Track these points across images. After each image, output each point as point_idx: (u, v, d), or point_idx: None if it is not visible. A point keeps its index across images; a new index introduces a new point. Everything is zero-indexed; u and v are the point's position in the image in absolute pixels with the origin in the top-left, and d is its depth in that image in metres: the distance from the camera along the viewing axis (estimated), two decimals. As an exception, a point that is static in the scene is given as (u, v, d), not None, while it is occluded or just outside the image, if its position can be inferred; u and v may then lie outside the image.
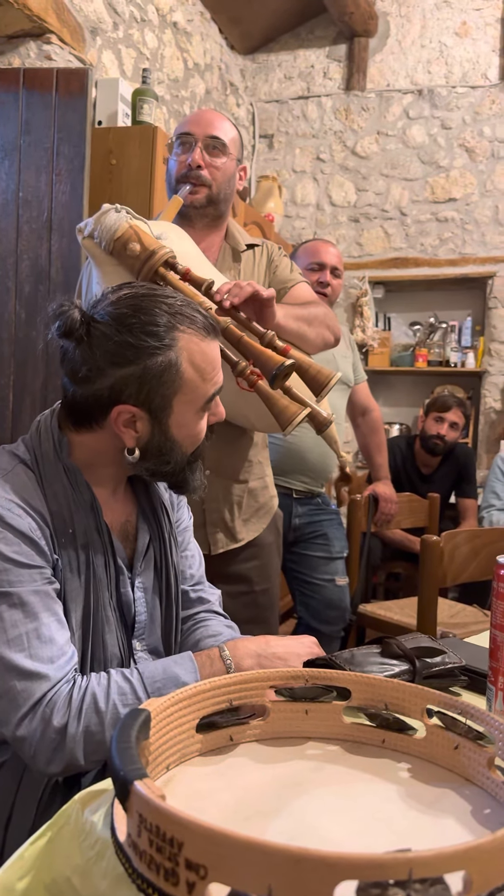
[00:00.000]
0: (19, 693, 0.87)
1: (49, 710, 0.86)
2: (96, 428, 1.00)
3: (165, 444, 1.00)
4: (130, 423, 0.98)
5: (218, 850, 0.45)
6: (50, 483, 0.98)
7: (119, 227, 1.34)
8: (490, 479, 3.38)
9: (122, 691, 0.90)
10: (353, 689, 0.75)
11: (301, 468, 2.39)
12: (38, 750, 0.86)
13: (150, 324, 0.96)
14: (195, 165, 1.56)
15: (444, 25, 4.31)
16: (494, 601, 0.78)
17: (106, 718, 0.87)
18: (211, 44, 4.00)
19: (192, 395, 1.00)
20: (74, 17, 2.72)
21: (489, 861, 0.45)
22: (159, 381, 0.96)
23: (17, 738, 0.87)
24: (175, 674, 0.92)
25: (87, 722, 0.87)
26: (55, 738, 0.86)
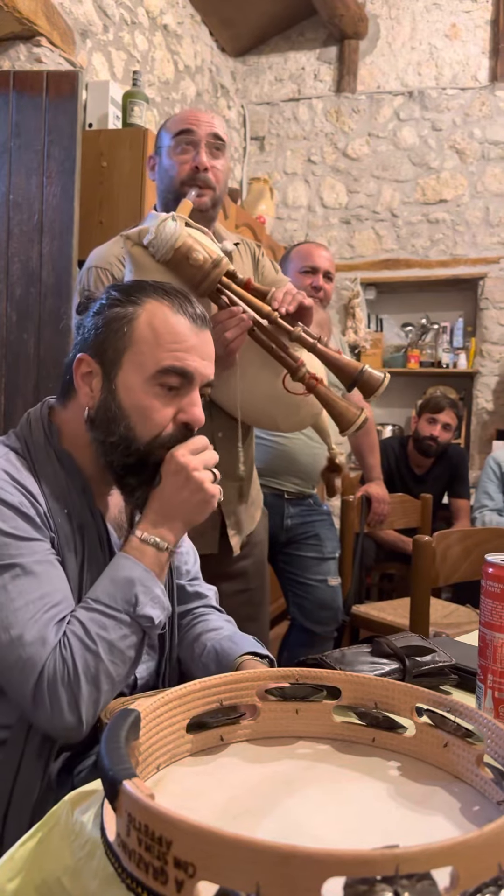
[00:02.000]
0: (27, 662, 0.88)
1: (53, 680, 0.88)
2: (72, 393, 1.03)
3: (111, 409, 0.98)
4: (87, 377, 1.00)
5: (206, 849, 0.45)
6: (42, 466, 0.99)
7: (180, 236, 1.31)
8: (482, 480, 3.39)
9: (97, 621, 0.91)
10: (344, 688, 0.76)
11: (292, 470, 2.39)
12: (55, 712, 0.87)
13: (133, 287, 1.03)
14: (203, 168, 1.51)
15: (433, 27, 4.33)
16: (483, 599, 0.79)
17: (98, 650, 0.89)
18: (201, 46, 4.01)
19: (141, 355, 0.97)
20: (64, 19, 2.72)
21: (476, 856, 0.45)
22: (113, 329, 0.99)
23: (36, 708, 0.88)
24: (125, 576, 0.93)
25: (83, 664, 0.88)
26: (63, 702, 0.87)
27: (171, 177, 1.55)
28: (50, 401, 1.09)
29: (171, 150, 1.56)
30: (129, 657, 0.93)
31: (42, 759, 0.95)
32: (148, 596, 0.93)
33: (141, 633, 0.93)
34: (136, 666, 0.96)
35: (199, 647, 1.11)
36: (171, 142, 1.56)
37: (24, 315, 2.44)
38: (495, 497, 3.33)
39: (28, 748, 0.94)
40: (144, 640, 0.95)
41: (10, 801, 0.94)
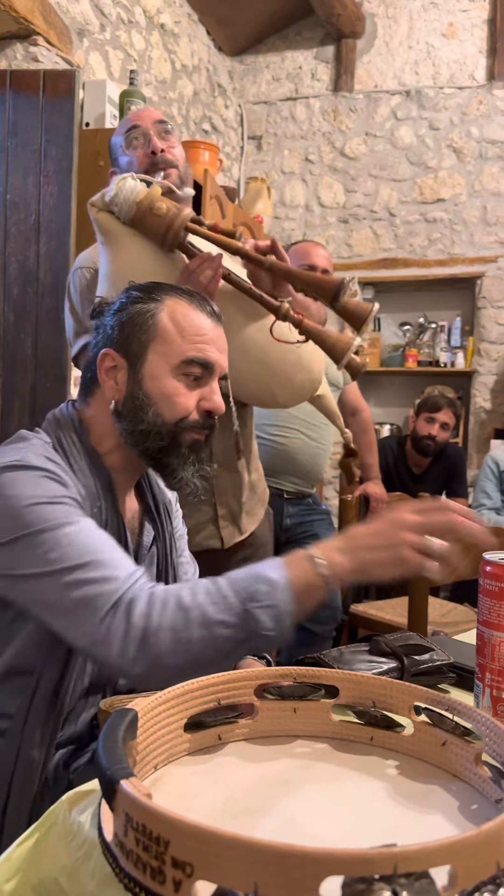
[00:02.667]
0: (95, 598, 0.86)
1: (130, 607, 0.85)
2: (96, 390, 1.06)
3: (138, 397, 1.02)
4: (112, 372, 1.03)
5: (204, 848, 0.45)
6: (75, 461, 1.01)
7: (140, 190, 1.33)
8: (480, 479, 3.39)
9: (209, 591, 0.86)
10: (342, 686, 0.76)
11: (291, 469, 2.39)
12: (122, 647, 0.85)
13: (152, 286, 1.07)
14: (159, 151, 1.55)
15: (431, 27, 4.33)
16: (481, 598, 0.79)
17: (192, 615, 0.84)
18: (198, 45, 4.00)
19: (166, 346, 1.02)
20: (61, 18, 2.72)
21: (474, 855, 0.45)
22: (136, 323, 1.03)
23: (99, 640, 0.86)
24: (260, 571, 0.87)
25: (172, 619, 0.85)
26: (138, 634, 0.84)
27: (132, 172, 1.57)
28: (73, 401, 1.11)
29: (123, 149, 1.60)
30: (221, 649, 0.85)
31: (42, 750, 0.95)
32: (270, 602, 0.84)
33: (244, 633, 0.84)
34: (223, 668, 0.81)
35: None
36: (123, 141, 1.61)
37: (21, 315, 2.43)
38: (493, 496, 3.33)
39: (26, 739, 0.94)
40: (245, 644, 0.86)
41: (10, 791, 0.93)
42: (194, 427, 1.05)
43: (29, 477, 0.93)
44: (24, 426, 2.44)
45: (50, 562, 0.88)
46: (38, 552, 0.89)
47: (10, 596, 0.93)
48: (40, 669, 0.95)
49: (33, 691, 0.95)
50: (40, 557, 0.89)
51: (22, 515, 0.90)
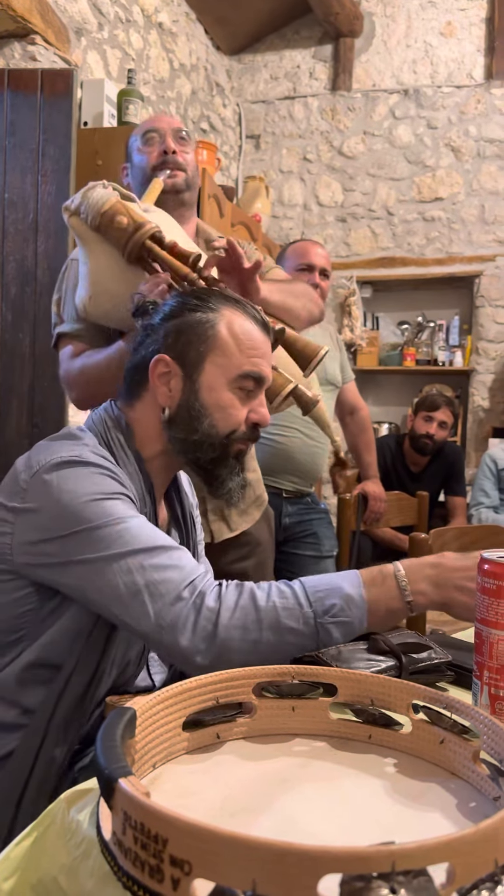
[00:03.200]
0: (161, 583, 0.86)
1: (200, 598, 0.85)
2: (143, 393, 1.06)
3: (194, 407, 1.03)
4: (165, 377, 1.03)
5: (202, 846, 0.45)
6: (124, 465, 1.02)
7: (107, 202, 1.33)
8: (479, 477, 3.39)
9: (283, 594, 0.86)
10: (340, 685, 0.75)
11: (290, 468, 2.39)
12: (192, 637, 0.84)
13: (206, 294, 1.08)
14: (171, 151, 1.58)
15: (429, 25, 4.33)
16: (479, 596, 0.79)
17: (264, 618, 0.84)
18: (196, 44, 4.00)
19: (224, 358, 1.03)
20: (59, 17, 2.72)
21: (472, 852, 0.45)
22: (195, 332, 1.02)
23: (167, 625, 0.85)
24: (339, 585, 0.87)
25: (243, 617, 0.84)
26: (208, 627, 0.84)
27: (143, 168, 1.61)
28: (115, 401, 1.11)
29: (138, 148, 1.63)
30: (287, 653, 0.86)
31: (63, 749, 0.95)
32: (344, 619, 0.84)
33: (313, 644, 0.85)
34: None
35: None
36: (139, 140, 1.64)
37: (19, 314, 2.43)
38: (491, 494, 3.33)
39: (50, 737, 0.93)
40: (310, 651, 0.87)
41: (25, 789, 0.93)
42: (242, 439, 1.06)
43: (87, 472, 0.94)
44: (23, 425, 2.44)
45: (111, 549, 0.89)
46: (100, 545, 0.89)
47: (61, 582, 0.93)
48: (71, 667, 0.95)
49: (61, 690, 0.94)
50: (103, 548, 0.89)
51: (81, 511, 0.90)
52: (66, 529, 0.90)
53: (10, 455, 2.41)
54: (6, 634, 0.98)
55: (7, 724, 0.97)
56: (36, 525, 0.93)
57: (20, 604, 0.96)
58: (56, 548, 0.91)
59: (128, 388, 1.09)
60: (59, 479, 0.93)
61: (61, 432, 1.05)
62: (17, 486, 0.95)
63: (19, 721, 0.96)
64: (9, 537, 0.94)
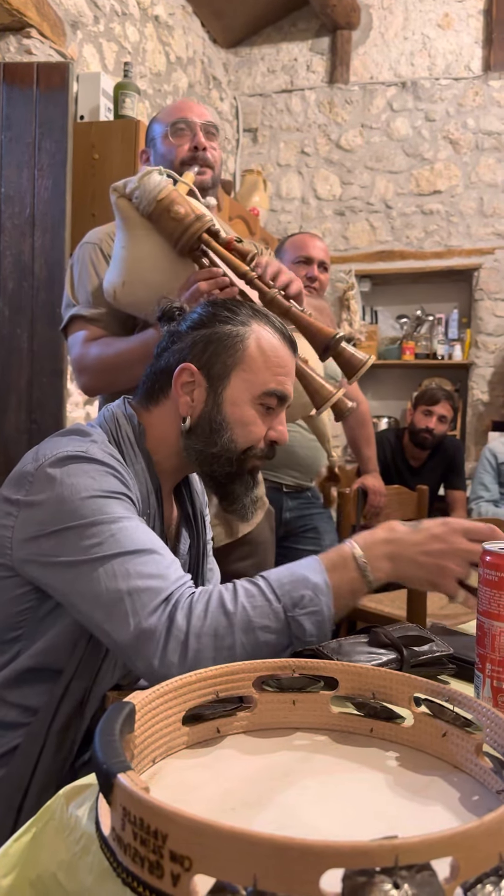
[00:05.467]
0: (144, 591, 0.85)
1: (174, 607, 0.84)
2: (162, 399, 1.05)
3: (216, 420, 1.02)
4: (188, 387, 1.02)
5: (202, 842, 0.44)
6: (132, 463, 1.01)
7: (164, 189, 1.31)
8: (478, 471, 3.39)
9: (250, 594, 0.86)
10: (341, 678, 0.75)
11: (291, 463, 2.39)
12: (163, 647, 0.83)
13: (235, 306, 1.06)
14: (202, 147, 1.56)
15: (426, 17, 4.31)
16: (481, 587, 0.78)
17: (235, 620, 0.83)
18: (193, 37, 3.98)
19: (251, 374, 1.02)
20: (54, 10, 2.70)
21: (476, 846, 0.45)
22: (223, 345, 1.01)
23: (142, 633, 0.83)
24: (303, 575, 0.86)
25: (213, 623, 0.83)
26: (180, 636, 0.83)
27: (171, 160, 1.58)
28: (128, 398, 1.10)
29: (166, 136, 1.59)
30: (262, 653, 0.84)
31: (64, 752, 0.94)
32: (314, 608, 0.84)
33: (287, 639, 0.84)
34: None
35: None
36: (167, 129, 1.59)
37: (16, 310, 2.42)
38: (491, 488, 3.33)
39: (50, 740, 0.93)
40: (286, 649, 0.86)
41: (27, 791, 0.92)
42: (259, 456, 1.06)
43: (91, 469, 0.93)
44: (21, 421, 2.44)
45: (99, 551, 0.87)
46: (88, 543, 0.88)
47: (49, 584, 0.92)
48: (71, 672, 0.94)
49: (62, 694, 0.94)
50: (89, 547, 0.88)
51: (78, 506, 0.90)
52: (61, 524, 0.90)
53: (9, 451, 2.41)
54: (4, 633, 0.97)
55: (8, 723, 0.96)
56: (35, 519, 0.92)
57: (19, 602, 0.96)
58: (50, 544, 0.90)
59: (147, 391, 1.08)
60: (63, 473, 0.92)
61: (71, 427, 1.04)
62: (23, 479, 0.95)
63: (21, 720, 0.96)
64: (10, 531, 0.93)
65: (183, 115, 1.59)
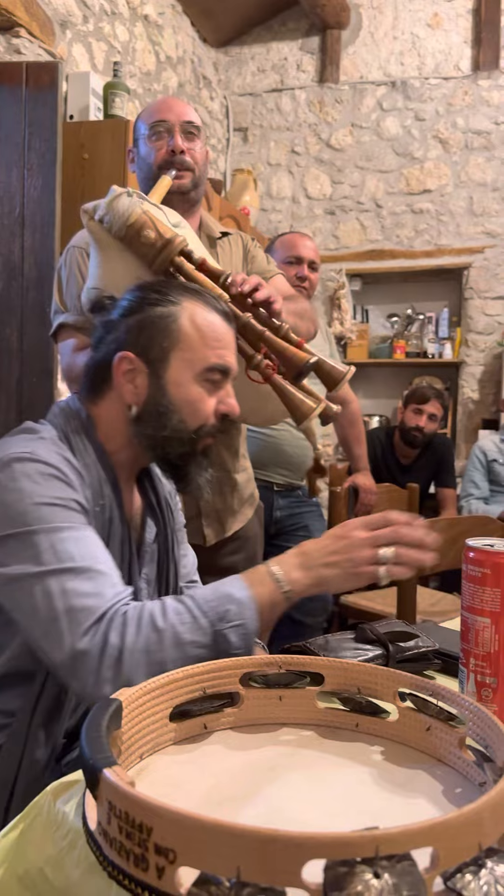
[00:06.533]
0: (80, 611, 0.85)
1: (108, 626, 0.85)
2: (107, 391, 1.04)
3: (162, 404, 1.02)
4: (131, 376, 1.02)
5: (186, 834, 0.45)
6: (81, 456, 1.00)
7: (132, 213, 1.30)
8: (469, 469, 3.40)
9: (178, 611, 0.87)
10: (327, 674, 0.76)
11: (280, 461, 2.39)
12: (97, 667, 0.84)
13: (163, 286, 1.06)
14: (179, 150, 1.54)
15: (416, 17, 4.32)
16: (464, 584, 0.79)
17: (165, 636, 0.85)
18: (183, 37, 3.98)
19: (189, 352, 1.02)
20: (43, 10, 2.70)
21: (456, 837, 0.46)
22: (157, 327, 1.01)
23: (77, 653, 0.84)
24: (227, 591, 0.89)
25: (145, 640, 0.84)
26: (114, 654, 0.84)
27: (149, 163, 1.58)
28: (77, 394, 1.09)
29: (146, 138, 1.59)
30: None
31: (46, 750, 0.94)
32: (239, 622, 0.86)
33: (214, 653, 0.85)
34: None
35: None
36: (147, 130, 1.59)
37: (5, 309, 2.42)
38: (481, 486, 3.34)
39: (31, 739, 0.93)
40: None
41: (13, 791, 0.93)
42: (210, 433, 1.06)
43: (36, 472, 0.92)
44: (11, 421, 2.44)
45: (38, 564, 0.87)
46: (30, 553, 0.88)
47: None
48: (43, 675, 0.94)
49: (38, 694, 0.94)
50: (32, 558, 0.87)
51: (21, 513, 0.89)
52: (2, 531, 0.89)
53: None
54: None
55: None
56: None
57: None
58: None
59: (90, 385, 1.07)
60: (7, 478, 0.91)
61: (22, 426, 1.03)
62: None
63: (1, 722, 0.96)
64: None
65: (161, 117, 1.57)
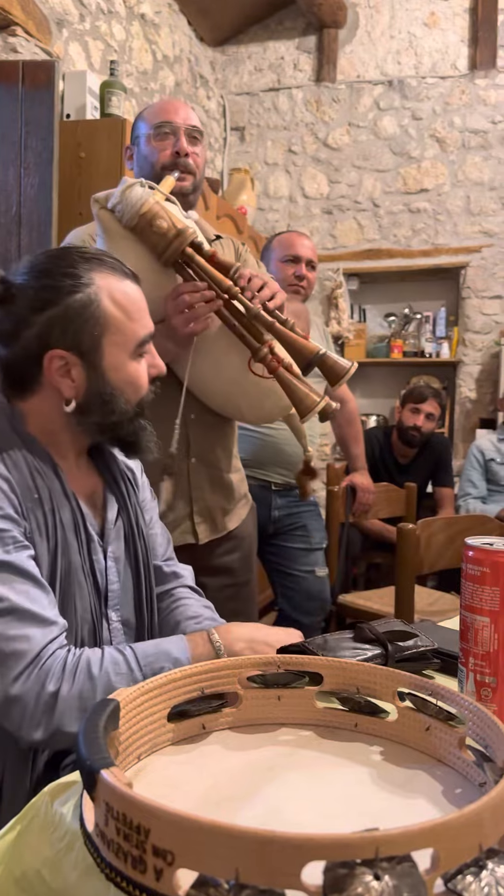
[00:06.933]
0: (9, 656, 0.85)
1: (44, 672, 0.85)
2: (37, 388, 1.00)
3: (105, 391, 1.00)
4: (65, 371, 0.98)
5: (184, 836, 0.44)
6: (7, 453, 0.96)
7: (145, 202, 1.32)
8: (466, 468, 3.40)
9: (115, 661, 0.89)
10: (325, 673, 0.75)
11: (278, 461, 2.39)
12: (30, 713, 0.84)
13: (68, 266, 0.98)
14: (184, 153, 1.55)
15: (412, 16, 4.32)
16: (464, 582, 0.79)
17: (98, 685, 0.86)
18: (179, 36, 3.97)
19: (120, 335, 1.00)
20: (40, 9, 2.69)
21: (456, 838, 0.45)
22: (82, 318, 0.97)
23: (10, 699, 0.84)
24: (166, 649, 0.92)
25: (79, 687, 0.85)
26: (48, 700, 0.84)
27: (152, 163, 1.58)
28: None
29: (150, 137, 1.59)
30: None
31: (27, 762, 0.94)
32: None
33: None
34: None
35: None
36: (151, 130, 1.59)
37: (3, 308, 2.41)
38: (479, 485, 3.34)
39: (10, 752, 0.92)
40: None
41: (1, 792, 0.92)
42: (149, 400, 1.07)
43: None
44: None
45: None
46: None
47: None
48: None
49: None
50: None
51: None
52: None
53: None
54: None
55: None
56: None
57: None
58: None
59: (15, 382, 1.01)
60: None
61: None
62: None
63: None
64: None
65: (167, 118, 1.58)
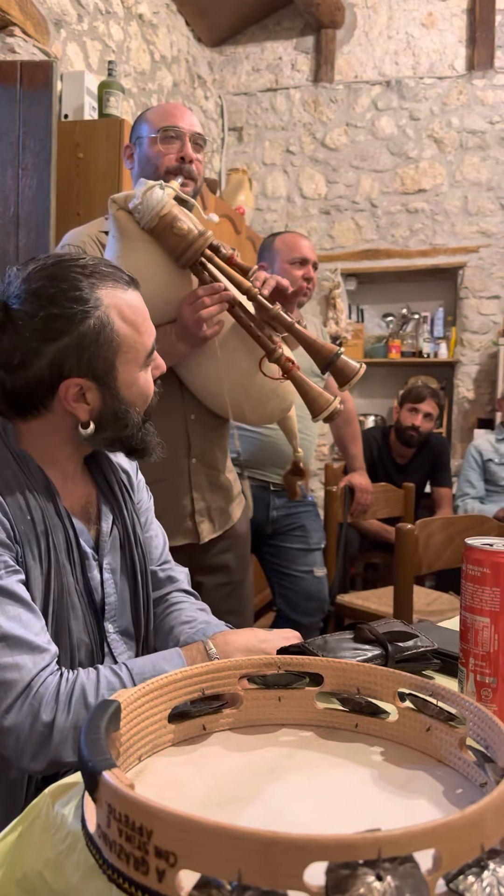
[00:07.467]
0: (2, 685, 0.84)
1: (37, 701, 0.84)
2: (44, 412, 0.98)
3: (120, 409, 1.00)
4: (80, 396, 0.97)
5: (187, 837, 0.44)
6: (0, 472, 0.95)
7: (166, 204, 1.34)
8: (464, 468, 3.40)
9: (112, 685, 0.88)
10: (326, 674, 0.75)
11: (277, 461, 2.39)
12: (25, 744, 0.83)
13: (72, 289, 0.94)
14: (189, 160, 1.57)
15: (410, 16, 4.32)
16: (464, 583, 0.79)
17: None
18: (177, 36, 3.97)
19: (132, 352, 0.99)
20: (38, 9, 2.69)
21: (458, 838, 0.45)
22: (97, 344, 0.95)
23: (3, 730, 0.83)
24: (163, 668, 0.90)
25: (75, 716, 0.84)
26: (43, 731, 0.83)
27: (156, 165, 1.58)
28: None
29: (155, 140, 1.59)
30: None
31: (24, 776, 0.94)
32: None
33: None
34: None
35: (173, 642, 1.10)
36: (156, 133, 1.59)
37: (1, 309, 2.41)
38: (477, 485, 3.35)
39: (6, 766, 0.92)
40: None
41: None
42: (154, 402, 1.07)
43: None
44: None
45: None
46: None
47: None
48: None
49: None
50: None
51: None
52: None
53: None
54: None
55: None
56: None
57: None
58: None
59: (20, 405, 0.98)
60: None
61: None
62: None
63: None
64: None
65: (174, 123, 1.58)
